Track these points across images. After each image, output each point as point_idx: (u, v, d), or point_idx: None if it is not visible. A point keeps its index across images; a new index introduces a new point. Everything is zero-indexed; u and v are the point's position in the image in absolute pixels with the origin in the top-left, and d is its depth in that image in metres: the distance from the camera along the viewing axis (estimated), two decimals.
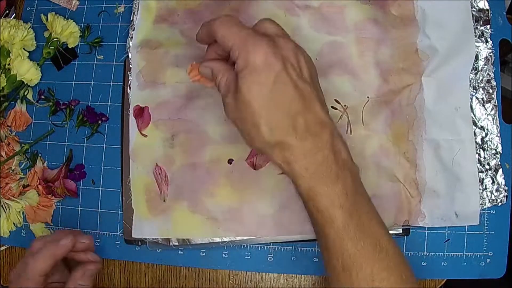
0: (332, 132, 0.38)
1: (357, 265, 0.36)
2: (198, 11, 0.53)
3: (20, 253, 0.55)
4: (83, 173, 0.54)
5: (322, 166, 0.37)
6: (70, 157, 0.54)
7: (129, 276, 0.53)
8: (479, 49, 0.50)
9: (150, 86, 0.52)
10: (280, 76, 0.36)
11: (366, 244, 0.36)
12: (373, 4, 0.52)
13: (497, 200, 0.49)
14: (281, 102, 0.36)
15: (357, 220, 0.37)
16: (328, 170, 0.37)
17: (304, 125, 0.36)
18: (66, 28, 0.54)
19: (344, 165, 0.38)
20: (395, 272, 0.37)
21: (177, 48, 0.52)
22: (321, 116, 0.37)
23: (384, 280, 0.36)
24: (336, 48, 0.51)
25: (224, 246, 0.50)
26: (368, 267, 0.36)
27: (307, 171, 0.37)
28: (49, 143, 0.55)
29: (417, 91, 0.50)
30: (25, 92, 0.56)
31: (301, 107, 0.37)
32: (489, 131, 0.50)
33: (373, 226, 0.38)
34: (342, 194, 0.37)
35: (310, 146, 0.36)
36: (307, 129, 0.37)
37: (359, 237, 0.36)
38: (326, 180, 0.37)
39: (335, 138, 0.38)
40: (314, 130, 0.37)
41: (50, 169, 0.54)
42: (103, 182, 0.53)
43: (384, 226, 0.39)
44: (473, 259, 0.49)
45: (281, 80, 0.36)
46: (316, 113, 0.37)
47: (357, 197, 0.38)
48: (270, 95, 0.36)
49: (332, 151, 0.37)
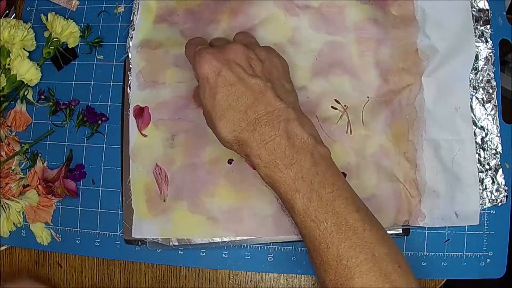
0: (289, 117, 0.39)
1: (323, 246, 0.36)
2: (198, 11, 0.53)
3: (20, 253, 0.55)
4: (83, 173, 0.54)
5: (275, 154, 0.38)
6: (70, 157, 0.54)
7: (129, 276, 0.53)
8: (479, 49, 0.50)
9: (150, 86, 0.52)
10: (224, 76, 0.39)
11: (329, 224, 0.36)
12: (373, 4, 0.52)
13: (497, 200, 0.49)
14: (230, 100, 0.39)
15: (317, 201, 0.37)
16: (281, 156, 0.38)
17: (255, 118, 0.39)
18: (66, 28, 0.54)
19: (302, 148, 0.38)
20: (364, 250, 0.36)
21: (177, 48, 0.52)
22: (273, 105, 0.39)
23: (352, 258, 0.36)
24: (336, 48, 0.51)
25: (224, 246, 0.50)
26: (334, 247, 0.36)
27: (261, 161, 0.38)
28: (49, 143, 0.55)
29: (417, 91, 0.50)
30: (25, 92, 0.56)
31: (251, 100, 0.39)
32: (489, 131, 0.50)
33: (337, 206, 0.37)
34: (297, 178, 0.37)
35: (261, 136, 0.38)
36: (258, 121, 0.39)
37: (321, 219, 0.36)
38: (280, 166, 0.38)
39: (291, 123, 0.39)
40: (266, 120, 0.39)
41: (50, 169, 0.54)
42: (103, 182, 0.53)
43: (356, 204, 0.38)
44: (473, 259, 0.49)
45: (226, 80, 0.39)
46: (268, 103, 0.39)
47: (317, 178, 0.37)
48: (220, 97, 0.39)
49: (285, 137, 0.38)
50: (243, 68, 0.40)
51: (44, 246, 0.53)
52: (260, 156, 0.38)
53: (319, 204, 0.37)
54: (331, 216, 0.37)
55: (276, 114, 0.39)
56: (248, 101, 0.39)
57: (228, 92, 0.39)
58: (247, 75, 0.40)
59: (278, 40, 0.52)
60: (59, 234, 0.54)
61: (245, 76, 0.39)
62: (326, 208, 0.37)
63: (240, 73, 0.39)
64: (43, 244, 0.54)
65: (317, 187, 0.37)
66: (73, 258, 0.54)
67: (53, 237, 0.54)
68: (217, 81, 0.39)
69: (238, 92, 0.39)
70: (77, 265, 0.54)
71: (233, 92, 0.39)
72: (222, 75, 0.39)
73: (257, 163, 0.39)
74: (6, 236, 0.54)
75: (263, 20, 0.52)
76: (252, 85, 0.39)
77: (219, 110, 0.39)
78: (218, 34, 0.52)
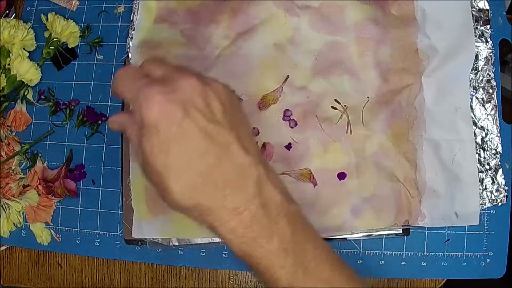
0: (259, 176, 0.32)
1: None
2: (198, 11, 0.53)
3: (20, 253, 0.55)
4: (83, 173, 0.54)
5: (252, 226, 0.31)
6: (70, 157, 0.54)
7: (129, 276, 0.53)
8: (479, 49, 0.50)
9: None
10: (182, 126, 0.30)
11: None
12: (373, 4, 0.52)
13: (497, 200, 0.49)
14: (190, 157, 0.30)
15: (302, 272, 0.32)
16: (259, 229, 0.31)
17: (221, 180, 0.31)
18: (66, 28, 0.54)
19: (279, 214, 0.32)
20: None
21: (177, 48, 0.52)
22: (242, 162, 0.31)
23: None
24: (336, 48, 0.51)
25: (224, 246, 0.50)
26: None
27: (235, 235, 0.31)
28: (49, 143, 0.55)
29: (417, 91, 0.50)
30: (25, 92, 0.56)
31: (215, 157, 0.31)
32: (489, 131, 0.50)
33: (322, 271, 0.33)
34: (281, 252, 0.32)
35: (233, 204, 0.31)
36: (226, 184, 0.31)
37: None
38: (260, 240, 0.31)
39: (263, 184, 0.32)
40: (235, 183, 0.31)
41: (50, 169, 0.54)
42: (103, 182, 0.53)
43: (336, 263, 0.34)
44: (473, 259, 0.49)
45: (184, 131, 0.30)
46: (235, 159, 0.31)
47: (300, 246, 0.33)
48: (175, 153, 0.30)
49: (260, 204, 0.31)
50: (203, 113, 0.31)
51: (44, 246, 0.53)
52: (234, 230, 0.31)
53: (305, 274, 0.32)
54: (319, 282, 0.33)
55: (246, 174, 0.31)
56: (211, 159, 0.30)
57: (187, 147, 0.30)
58: (208, 123, 0.31)
59: (278, 40, 0.52)
60: (59, 234, 0.54)
61: (206, 124, 0.30)
62: (312, 278, 0.33)
63: (200, 121, 0.30)
64: (43, 244, 0.54)
65: (300, 257, 0.32)
66: (73, 258, 0.54)
67: (53, 237, 0.54)
68: (172, 132, 0.30)
69: (200, 148, 0.30)
70: (77, 265, 0.54)
71: (192, 148, 0.30)
72: (179, 125, 0.30)
73: (230, 238, 0.31)
74: (6, 236, 0.54)
75: (263, 20, 0.52)
76: (215, 136, 0.31)
77: (174, 170, 0.30)
78: (218, 34, 0.52)
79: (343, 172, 0.49)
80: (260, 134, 0.50)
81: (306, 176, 0.49)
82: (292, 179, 0.49)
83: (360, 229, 0.49)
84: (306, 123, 0.50)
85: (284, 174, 0.49)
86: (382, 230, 0.49)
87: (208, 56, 0.52)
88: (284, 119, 0.50)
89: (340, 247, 0.50)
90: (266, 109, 0.51)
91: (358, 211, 0.48)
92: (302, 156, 0.50)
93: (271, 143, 0.50)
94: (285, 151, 0.50)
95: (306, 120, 0.50)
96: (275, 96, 0.51)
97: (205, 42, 0.52)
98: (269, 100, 0.51)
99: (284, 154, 0.50)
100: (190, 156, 0.30)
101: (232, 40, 0.52)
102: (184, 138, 0.30)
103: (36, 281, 0.54)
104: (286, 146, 0.50)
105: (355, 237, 0.49)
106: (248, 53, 0.52)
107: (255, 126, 0.50)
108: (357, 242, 0.50)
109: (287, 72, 0.51)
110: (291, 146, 0.50)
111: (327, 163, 0.49)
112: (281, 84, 0.51)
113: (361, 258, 0.50)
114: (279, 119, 0.51)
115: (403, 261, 0.50)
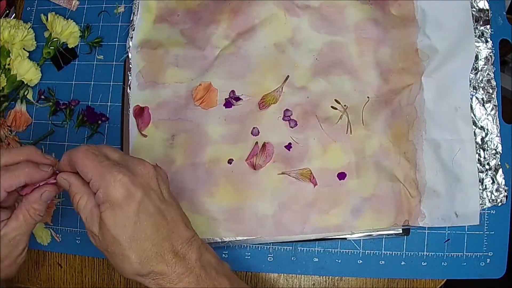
0: (199, 245, 0.39)
1: None
2: (198, 11, 0.53)
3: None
4: None
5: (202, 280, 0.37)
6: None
7: None
8: (479, 49, 0.50)
9: (150, 86, 0.52)
10: (142, 205, 0.36)
11: None
12: (373, 4, 0.52)
13: (497, 200, 0.49)
14: (147, 231, 0.36)
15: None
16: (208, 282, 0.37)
17: (171, 250, 0.37)
18: (66, 28, 0.54)
19: (217, 273, 0.38)
20: None
21: (177, 48, 0.52)
22: (186, 234, 0.38)
23: None
24: (336, 48, 0.51)
25: (224, 246, 0.50)
26: None
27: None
28: (49, 143, 0.55)
29: (417, 91, 0.50)
30: (25, 92, 0.56)
31: (166, 231, 0.37)
32: (489, 131, 0.50)
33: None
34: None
35: (181, 269, 0.37)
36: (175, 253, 0.37)
37: None
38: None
39: (202, 251, 0.38)
40: (182, 252, 0.37)
41: None
42: None
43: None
44: (473, 259, 0.49)
45: (144, 209, 0.36)
46: (181, 232, 0.38)
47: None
48: (135, 227, 0.36)
49: (202, 267, 0.38)
50: (157, 194, 0.37)
51: (44, 246, 0.53)
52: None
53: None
54: None
55: (189, 243, 0.38)
56: (164, 233, 0.37)
57: (146, 223, 0.36)
58: (160, 203, 0.37)
59: (278, 40, 0.52)
60: (59, 234, 0.53)
61: (160, 204, 0.37)
62: None
63: (156, 201, 0.37)
64: (43, 244, 0.53)
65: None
66: (73, 258, 0.54)
67: (53, 237, 0.54)
68: (134, 210, 0.36)
69: (157, 223, 0.36)
70: (77, 265, 0.54)
71: (151, 224, 0.36)
72: (140, 204, 0.36)
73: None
74: None
75: (263, 20, 0.52)
76: (165, 213, 0.37)
77: (133, 242, 0.35)
78: (218, 34, 0.52)
79: (343, 172, 0.49)
80: (260, 134, 0.50)
81: (306, 176, 0.49)
82: (292, 179, 0.49)
83: (360, 229, 0.49)
84: (306, 123, 0.50)
85: (284, 174, 0.49)
86: (382, 230, 0.49)
87: (208, 56, 0.52)
88: (284, 119, 0.51)
89: (340, 247, 0.50)
90: (266, 109, 0.51)
91: (358, 211, 0.48)
92: (302, 156, 0.50)
93: (271, 143, 0.50)
94: (285, 151, 0.50)
95: (306, 120, 0.50)
96: (275, 96, 0.51)
97: (205, 42, 0.52)
98: (269, 100, 0.51)
99: (284, 154, 0.50)
100: (149, 230, 0.36)
101: (232, 40, 0.52)
102: (143, 216, 0.36)
103: (36, 281, 0.54)
104: (286, 146, 0.50)
105: (355, 237, 0.49)
106: (248, 53, 0.52)
107: (255, 126, 0.50)
108: (357, 242, 0.50)
109: (287, 72, 0.51)
110: (291, 146, 0.50)
111: (327, 163, 0.49)
112: (281, 84, 0.51)
113: (361, 258, 0.50)
114: (279, 119, 0.51)
115: (403, 261, 0.50)
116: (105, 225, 0.35)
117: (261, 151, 0.50)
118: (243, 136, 0.50)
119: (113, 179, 0.35)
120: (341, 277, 0.50)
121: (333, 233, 0.49)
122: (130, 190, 0.35)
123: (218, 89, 0.51)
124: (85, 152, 0.37)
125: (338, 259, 0.50)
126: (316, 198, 0.49)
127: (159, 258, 0.36)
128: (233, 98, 0.51)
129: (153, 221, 0.36)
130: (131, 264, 0.36)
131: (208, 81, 0.51)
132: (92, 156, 0.37)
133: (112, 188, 0.35)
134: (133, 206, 0.36)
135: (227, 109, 0.51)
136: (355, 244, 0.50)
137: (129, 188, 0.35)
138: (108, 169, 0.36)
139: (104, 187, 0.35)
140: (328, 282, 0.51)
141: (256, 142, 0.50)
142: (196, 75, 0.52)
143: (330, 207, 0.49)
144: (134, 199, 0.36)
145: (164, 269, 0.36)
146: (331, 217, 0.49)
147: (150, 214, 0.36)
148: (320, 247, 0.50)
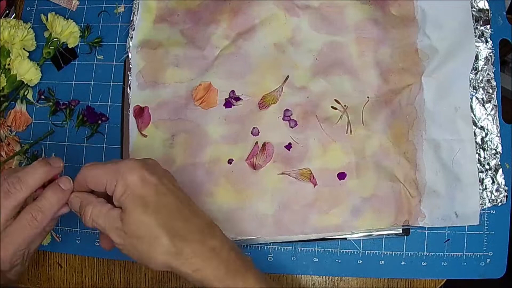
0: (220, 231, 0.39)
1: None
2: (198, 11, 0.53)
3: None
4: None
5: (230, 263, 0.37)
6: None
7: (129, 276, 0.53)
8: (479, 49, 0.50)
9: (150, 86, 0.52)
10: (158, 188, 0.37)
11: None
12: (373, 4, 0.52)
13: (497, 200, 0.49)
14: (170, 210, 0.37)
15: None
16: (237, 265, 0.38)
17: (198, 228, 0.38)
18: (66, 28, 0.54)
19: (243, 257, 0.39)
20: None
21: (177, 48, 0.52)
22: (206, 218, 0.39)
23: None
24: (336, 48, 0.51)
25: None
26: None
27: (220, 271, 0.37)
28: (49, 143, 0.55)
29: (417, 91, 0.50)
30: (25, 92, 0.56)
31: (188, 212, 0.38)
32: (489, 131, 0.50)
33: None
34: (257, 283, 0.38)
35: (212, 246, 0.37)
36: (202, 231, 0.38)
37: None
38: (239, 275, 0.37)
39: (225, 236, 0.39)
40: (208, 231, 0.38)
41: None
42: None
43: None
44: (473, 259, 0.49)
45: (161, 191, 0.37)
46: (201, 216, 0.39)
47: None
48: (158, 205, 0.37)
49: (231, 246, 0.39)
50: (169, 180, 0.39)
51: (44, 246, 0.53)
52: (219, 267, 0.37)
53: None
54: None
55: (212, 225, 0.39)
56: (186, 212, 0.38)
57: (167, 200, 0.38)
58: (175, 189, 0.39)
59: (278, 40, 0.52)
60: (59, 234, 0.53)
61: (174, 189, 0.39)
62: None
63: (169, 185, 0.39)
64: (43, 244, 0.53)
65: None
66: (73, 258, 0.54)
67: (53, 237, 0.54)
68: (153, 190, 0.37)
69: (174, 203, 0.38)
70: (77, 265, 0.54)
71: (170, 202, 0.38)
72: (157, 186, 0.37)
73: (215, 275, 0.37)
74: None
75: (263, 20, 0.52)
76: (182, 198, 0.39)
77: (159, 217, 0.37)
78: (218, 34, 0.52)
79: (343, 172, 0.49)
80: (260, 134, 0.50)
81: (306, 176, 0.49)
82: (292, 179, 0.49)
83: (360, 229, 0.49)
84: (306, 123, 0.50)
85: (284, 174, 0.49)
86: (382, 230, 0.49)
87: (208, 56, 0.52)
88: (284, 119, 0.51)
89: (340, 247, 0.50)
90: (266, 109, 0.51)
91: (358, 211, 0.48)
92: (302, 156, 0.50)
93: (271, 143, 0.50)
94: (285, 151, 0.50)
95: (306, 120, 0.50)
96: (275, 96, 0.51)
97: (205, 42, 0.52)
98: (269, 100, 0.51)
99: (284, 154, 0.50)
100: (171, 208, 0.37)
101: (232, 40, 0.52)
102: (162, 197, 0.37)
103: (36, 281, 0.54)
104: (286, 146, 0.50)
105: (355, 237, 0.49)
106: (248, 53, 0.52)
107: (255, 126, 0.50)
108: (357, 242, 0.50)
109: (287, 72, 0.51)
110: (291, 146, 0.50)
111: (327, 163, 0.49)
112: (281, 84, 0.51)
113: (361, 258, 0.50)
114: (279, 119, 0.51)
115: (403, 261, 0.50)
116: (129, 211, 0.36)
117: (261, 151, 0.50)
118: (243, 136, 0.50)
119: (130, 168, 0.37)
120: (341, 277, 0.50)
121: (333, 233, 0.49)
122: (146, 176, 0.37)
123: (218, 89, 0.51)
124: (88, 166, 0.39)
125: (338, 259, 0.50)
126: (316, 198, 0.49)
127: (190, 235, 0.37)
128: (233, 98, 0.51)
129: (173, 199, 0.38)
130: (162, 245, 0.36)
131: (208, 81, 0.51)
132: (96, 165, 0.38)
133: (129, 175, 0.37)
134: (152, 187, 0.37)
135: (227, 109, 0.51)
136: (355, 244, 0.50)
137: (144, 174, 0.37)
138: (117, 163, 0.38)
139: (121, 179, 0.37)
140: (328, 282, 0.51)
141: (256, 142, 0.50)
142: (196, 75, 0.52)
143: (330, 207, 0.49)
144: (151, 182, 0.37)
145: (195, 247, 0.36)
146: (331, 217, 0.49)
147: (169, 193, 0.38)
148: (320, 247, 0.50)
